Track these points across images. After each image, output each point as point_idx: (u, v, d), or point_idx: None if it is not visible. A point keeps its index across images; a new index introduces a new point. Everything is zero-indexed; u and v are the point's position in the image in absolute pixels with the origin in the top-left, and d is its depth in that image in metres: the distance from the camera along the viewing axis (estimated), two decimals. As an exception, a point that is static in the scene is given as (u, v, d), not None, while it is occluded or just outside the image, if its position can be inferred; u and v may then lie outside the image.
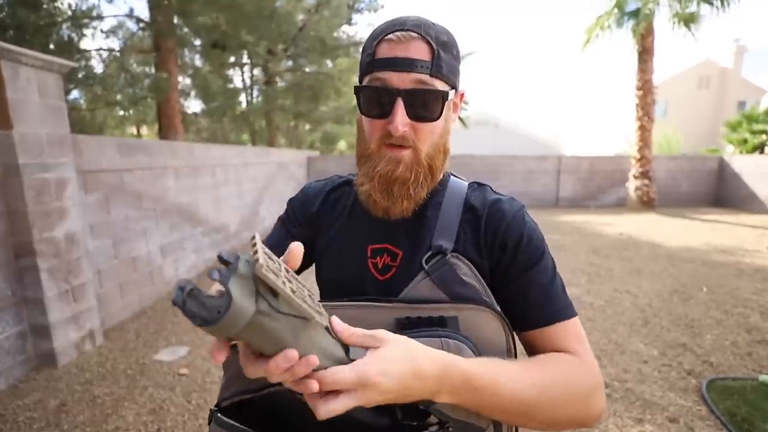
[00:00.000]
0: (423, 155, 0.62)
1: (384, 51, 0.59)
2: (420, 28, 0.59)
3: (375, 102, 0.61)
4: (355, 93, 0.63)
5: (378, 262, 0.68)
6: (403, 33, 0.58)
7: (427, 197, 0.67)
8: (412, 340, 0.48)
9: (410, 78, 0.58)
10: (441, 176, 0.68)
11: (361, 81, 0.64)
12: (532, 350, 0.63)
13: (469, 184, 0.72)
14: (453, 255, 0.63)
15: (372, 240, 0.69)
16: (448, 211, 0.67)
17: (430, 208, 0.67)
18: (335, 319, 0.45)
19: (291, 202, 0.79)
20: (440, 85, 0.60)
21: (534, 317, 0.62)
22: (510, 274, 0.63)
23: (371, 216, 0.69)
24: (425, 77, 0.58)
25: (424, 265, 0.63)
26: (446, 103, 0.61)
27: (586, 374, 0.58)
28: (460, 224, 0.66)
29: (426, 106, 0.60)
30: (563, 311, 0.62)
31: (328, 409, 0.41)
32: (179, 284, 0.33)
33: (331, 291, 0.71)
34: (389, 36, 0.59)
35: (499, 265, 0.64)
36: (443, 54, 0.60)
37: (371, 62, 0.60)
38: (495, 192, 0.70)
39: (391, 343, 0.46)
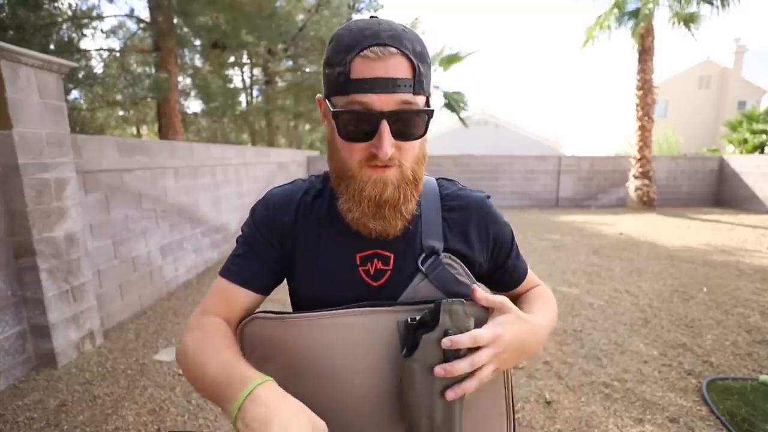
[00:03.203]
0: (408, 171, 0.60)
1: (361, 69, 0.53)
2: (397, 41, 0.54)
3: (356, 126, 0.56)
4: (332, 117, 0.57)
5: (369, 269, 0.66)
6: (381, 48, 0.53)
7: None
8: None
9: (393, 99, 0.54)
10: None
11: (329, 96, 0.58)
12: (514, 297, 0.79)
13: (437, 180, 0.75)
14: (445, 255, 0.66)
15: (359, 247, 0.66)
16: (429, 210, 0.68)
17: None
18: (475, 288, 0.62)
19: (256, 218, 0.70)
20: (422, 102, 0.58)
21: (516, 280, 0.78)
22: (500, 257, 0.75)
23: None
24: (408, 96, 0.55)
25: (420, 267, 0.64)
26: (430, 119, 0.59)
27: (550, 293, 0.81)
28: (443, 220, 0.69)
29: (411, 126, 0.57)
30: (526, 266, 0.80)
31: (472, 362, 0.54)
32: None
33: (320, 305, 0.66)
34: (365, 52, 0.53)
35: (492, 254, 0.74)
36: (422, 68, 0.56)
37: (347, 82, 0.54)
38: (463, 186, 0.76)
39: (508, 308, 0.61)
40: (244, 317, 0.66)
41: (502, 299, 0.61)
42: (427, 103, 0.59)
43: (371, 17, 0.59)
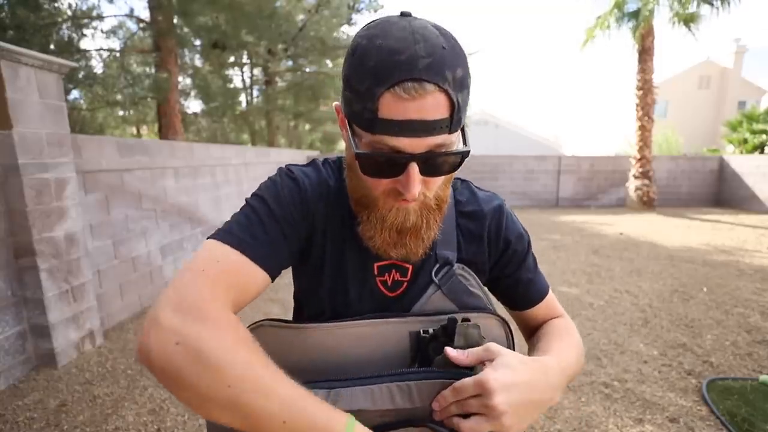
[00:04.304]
0: (431, 200, 0.56)
1: (392, 109, 0.45)
2: (436, 73, 0.45)
3: (381, 167, 0.50)
4: (355, 157, 0.50)
5: (387, 280, 0.65)
6: (416, 85, 0.44)
7: None
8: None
9: (426, 143, 0.47)
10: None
11: (350, 120, 0.51)
12: (529, 322, 0.74)
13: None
14: (459, 266, 0.65)
15: (377, 257, 0.63)
16: (444, 218, 0.65)
17: None
18: (448, 350, 0.52)
19: (285, 192, 0.59)
20: (457, 139, 0.51)
21: (530, 298, 0.71)
22: (510, 267, 0.70)
23: None
24: (443, 138, 0.48)
25: (434, 278, 0.63)
26: (464, 159, 0.52)
27: (575, 329, 0.71)
28: (457, 227, 0.68)
29: (442, 165, 0.51)
30: (546, 287, 0.73)
31: (467, 427, 0.48)
32: None
33: (333, 313, 0.65)
34: (397, 90, 0.45)
35: (501, 260, 0.70)
36: (461, 101, 0.48)
37: (373, 120, 0.46)
38: (478, 188, 0.73)
39: (503, 351, 0.51)
40: (245, 305, 0.55)
41: (485, 347, 0.52)
42: (463, 136, 0.52)
43: (402, 13, 0.50)
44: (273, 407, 0.42)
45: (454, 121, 0.48)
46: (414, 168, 0.49)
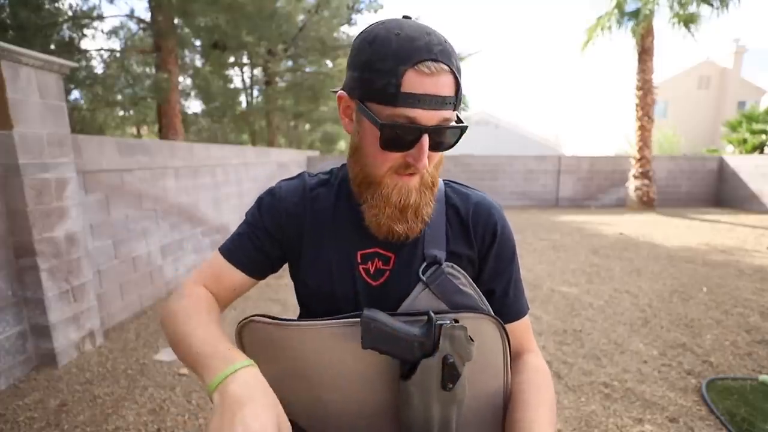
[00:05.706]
0: (428, 177, 0.62)
1: (413, 84, 0.53)
2: (447, 57, 0.54)
3: (398, 138, 0.56)
4: (379, 128, 0.55)
5: (369, 268, 0.66)
6: (435, 64, 0.53)
7: None
8: None
9: (437, 116, 0.55)
10: None
11: (365, 101, 0.57)
12: None
13: (444, 182, 0.74)
14: (448, 265, 0.65)
15: (361, 245, 0.66)
16: (434, 214, 0.67)
17: None
18: None
19: (263, 206, 0.72)
20: (457, 118, 0.59)
21: (505, 312, 0.69)
22: (492, 270, 0.69)
23: (356, 220, 0.66)
24: (449, 113, 0.56)
25: (421, 276, 0.63)
26: (463, 134, 0.60)
27: (550, 380, 0.67)
28: (446, 224, 0.68)
29: (447, 140, 0.58)
30: (525, 309, 0.72)
31: None
32: None
33: (321, 301, 0.68)
34: (420, 66, 0.52)
35: (488, 255, 0.69)
36: (461, 85, 0.58)
37: (396, 95, 0.53)
38: (473, 189, 0.74)
39: None
40: (231, 296, 0.72)
41: None
42: (458, 117, 0.61)
43: (404, 17, 0.59)
44: (198, 342, 0.56)
45: (457, 99, 0.57)
46: (426, 139, 0.55)
